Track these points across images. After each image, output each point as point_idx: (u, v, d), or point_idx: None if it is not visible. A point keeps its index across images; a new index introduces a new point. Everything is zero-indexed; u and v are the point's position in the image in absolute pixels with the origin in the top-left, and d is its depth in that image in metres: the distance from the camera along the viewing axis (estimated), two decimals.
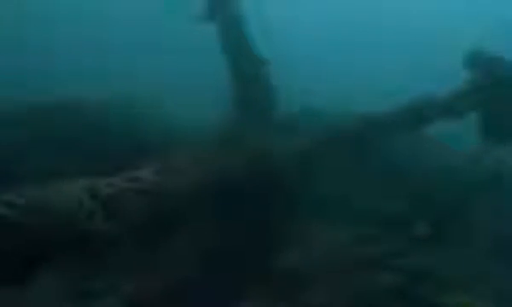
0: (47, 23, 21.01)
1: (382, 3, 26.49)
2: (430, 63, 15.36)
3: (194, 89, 10.51)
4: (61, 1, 23.32)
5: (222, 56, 8.11)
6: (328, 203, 6.31)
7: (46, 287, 4.55)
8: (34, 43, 18.08)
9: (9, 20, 20.18)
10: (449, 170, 7.29)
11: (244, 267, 5.25)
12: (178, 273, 5.01)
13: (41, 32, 19.75)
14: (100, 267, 4.91)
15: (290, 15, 24.20)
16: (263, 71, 8.09)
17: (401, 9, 25.83)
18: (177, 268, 5.04)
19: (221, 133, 6.46)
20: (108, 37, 19.76)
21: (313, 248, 5.69)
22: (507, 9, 23.26)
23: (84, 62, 15.77)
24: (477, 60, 6.60)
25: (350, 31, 22.49)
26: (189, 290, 5.06)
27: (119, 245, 4.81)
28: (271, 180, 5.88)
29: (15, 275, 4.36)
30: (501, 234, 6.27)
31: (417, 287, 5.44)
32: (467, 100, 6.64)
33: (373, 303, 5.21)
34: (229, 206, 5.44)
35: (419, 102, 6.77)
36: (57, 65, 15.31)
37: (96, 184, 4.67)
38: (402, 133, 7.11)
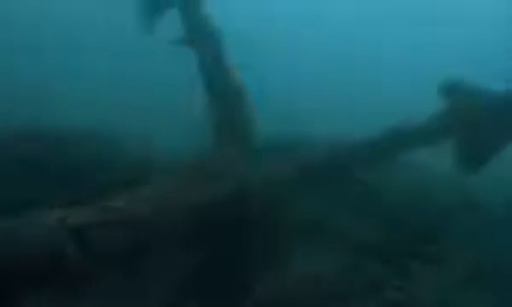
0: None
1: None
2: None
3: (167, 114, 10.38)
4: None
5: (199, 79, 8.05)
6: (309, 231, 6.30)
7: None
8: None
9: None
10: (429, 197, 7.33)
11: (220, 297, 5.23)
12: (152, 303, 4.97)
13: None
14: (74, 298, 4.86)
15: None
16: (243, 94, 8.07)
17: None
18: (149, 298, 5.00)
19: (197, 160, 6.44)
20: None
21: (292, 278, 5.67)
22: None
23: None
24: (452, 89, 6.66)
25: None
26: None
27: (92, 276, 4.78)
28: (249, 207, 5.87)
29: None
30: (480, 262, 6.31)
31: None
32: (441, 127, 6.69)
33: None
34: (205, 236, 5.42)
35: (396, 129, 6.81)
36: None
37: (68, 215, 4.66)
38: (382, 159, 7.12)
